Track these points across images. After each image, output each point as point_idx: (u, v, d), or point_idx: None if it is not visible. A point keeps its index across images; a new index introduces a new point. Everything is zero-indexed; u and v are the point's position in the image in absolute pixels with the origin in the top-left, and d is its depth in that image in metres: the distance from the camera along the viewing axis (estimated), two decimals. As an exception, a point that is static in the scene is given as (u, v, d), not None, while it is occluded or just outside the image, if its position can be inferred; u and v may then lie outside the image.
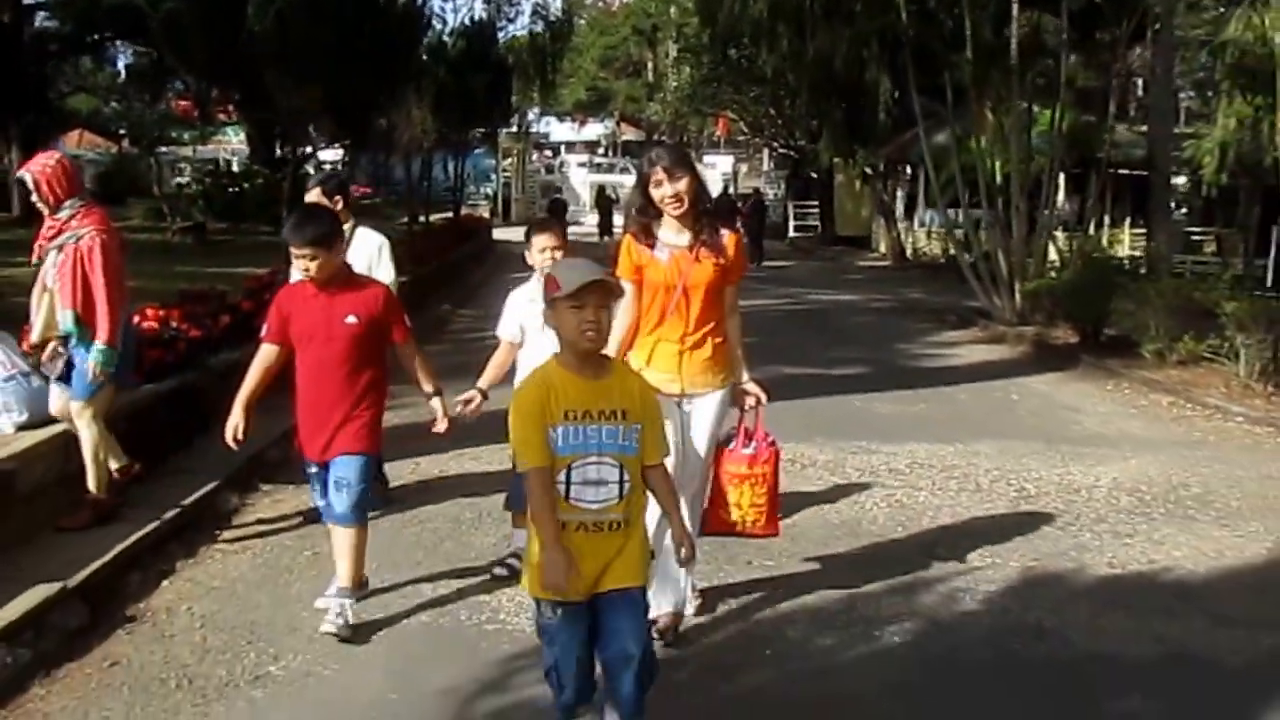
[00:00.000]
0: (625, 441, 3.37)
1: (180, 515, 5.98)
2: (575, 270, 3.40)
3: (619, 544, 3.38)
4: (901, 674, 4.35)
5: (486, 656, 4.38)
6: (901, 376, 11.36)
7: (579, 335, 3.34)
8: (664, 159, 4.52)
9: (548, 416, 3.33)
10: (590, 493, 3.34)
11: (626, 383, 3.48)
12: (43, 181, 5.48)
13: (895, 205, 30.08)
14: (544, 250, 5.10)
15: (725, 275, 4.61)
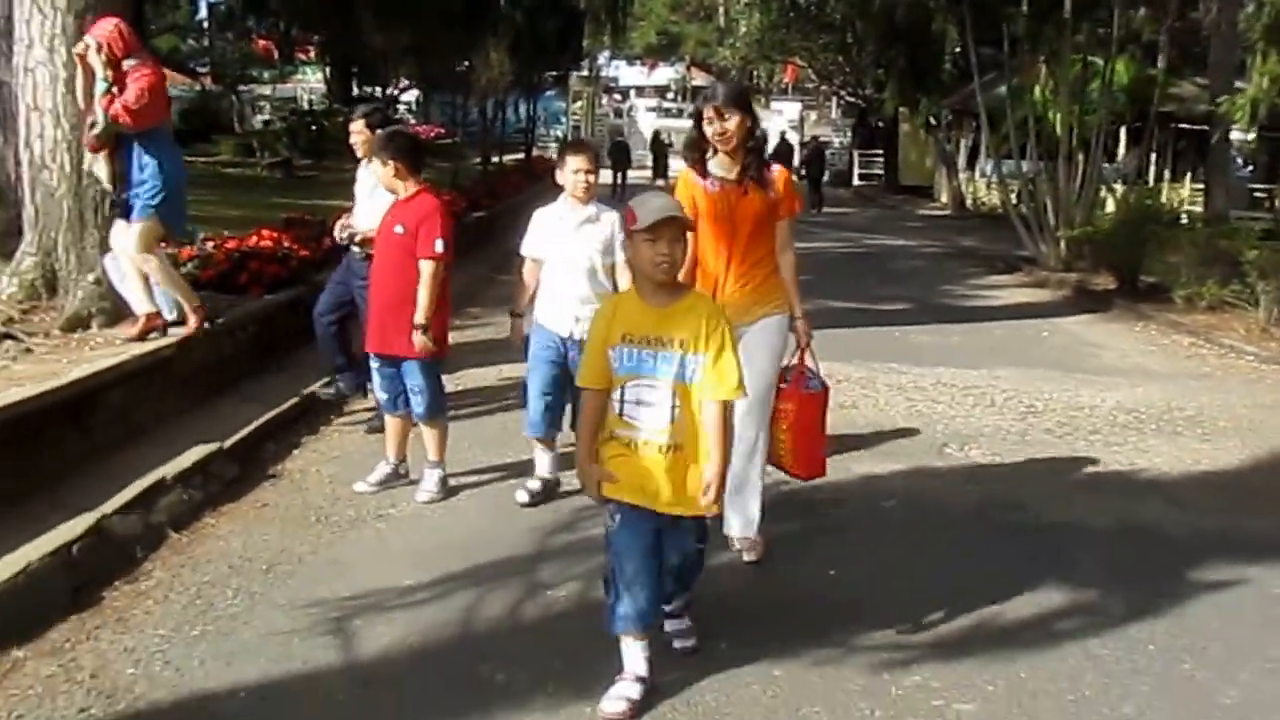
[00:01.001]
0: (680, 370, 3.45)
1: (300, 402, 7.07)
2: (651, 205, 3.50)
3: (672, 467, 3.48)
4: (902, 531, 5.33)
5: (562, 508, 5.39)
6: (942, 313, 12.21)
7: (652, 267, 3.46)
8: (716, 97, 4.66)
9: (610, 340, 3.52)
10: (642, 413, 3.48)
11: (694, 314, 3.51)
12: (104, 42, 6.28)
13: (958, 155, 30.51)
14: (577, 171, 5.34)
15: (773, 210, 4.74)
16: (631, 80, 63.38)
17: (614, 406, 3.54)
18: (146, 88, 6.32)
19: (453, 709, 3.52)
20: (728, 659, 3.80)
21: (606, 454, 3.57)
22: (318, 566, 4.68)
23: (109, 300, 6.86)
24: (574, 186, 5.38)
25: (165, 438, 5.96)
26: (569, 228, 5.39)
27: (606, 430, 3.58)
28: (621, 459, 3.53)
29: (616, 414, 3.53)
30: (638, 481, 3.51)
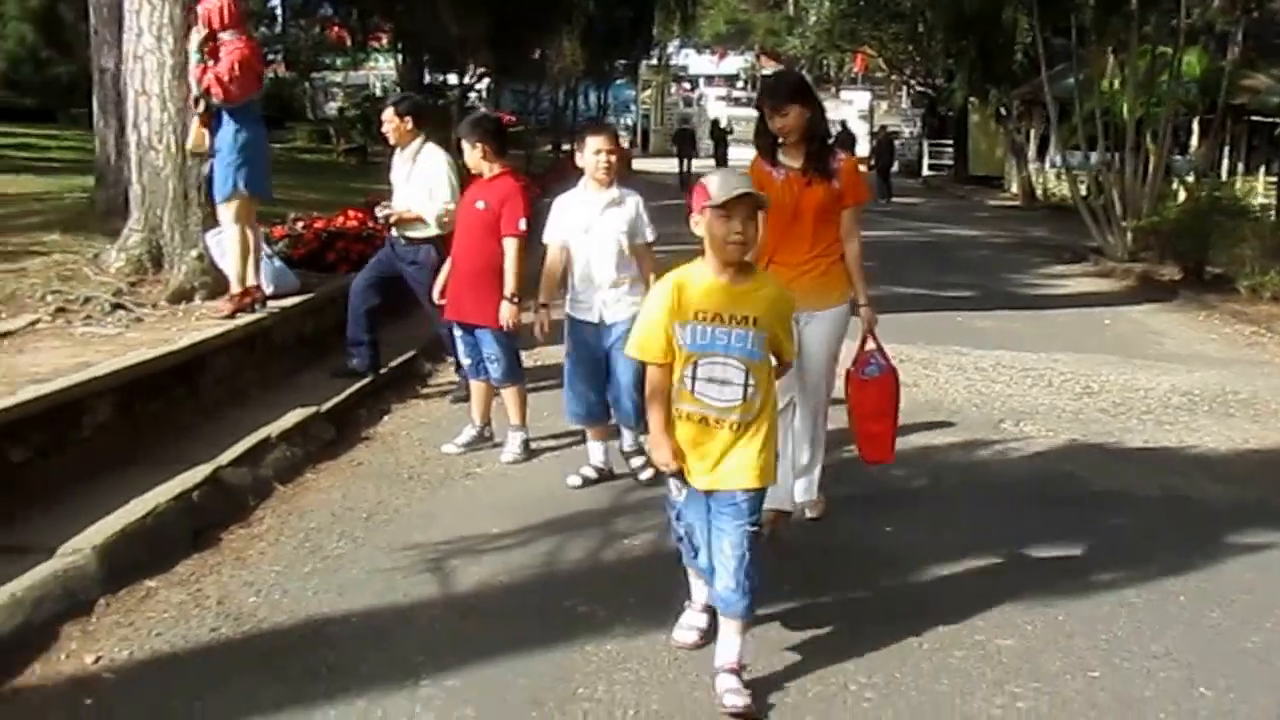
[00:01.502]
0: (753, 347, 3.47)
1: (389, 372, 7.51)
2: (725, 181, 3.50)
3: (738, 443, 3.49)
4: (954, 494, 5.65)
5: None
6: (1005, 300, 12.41)
7: (723, 244, 3.44)
8: (771, 95, 4.80)
9: (677, 315, 3.50)
10: (714, 390, 3.48)
11: (762, 290, 3.54)
12: (214, 12, 6.72)
13: (1028, 146, 30.41)
14: (598, 152, 5.30)
15: (838, 199, 4.79)
16: (700, 69, 63.45)
17: (685, 383, 3.52)
18: (238, 60, 6.70)
19: (541, 636, 3.90)
20: (790, 599, 4.15)
21: (679, 431, 3.56)
22: (412, 517, 5.10)
23: (210, 275, 7.33)
24: (594, 168, 5.32)
25: (266, 401, 6.43)
26: (593, 211, 5.37)
27: (675, 409, 3.56)
28: (689, 435, 3.53)
29: (688, 390, 3.51)
30: (706, 460, 3.51)
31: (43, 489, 4.73)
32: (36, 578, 3.99)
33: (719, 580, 3.50)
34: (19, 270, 7.33)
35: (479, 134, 5.89)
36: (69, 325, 6.45)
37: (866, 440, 5.03)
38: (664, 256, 5.81)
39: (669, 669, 3.66)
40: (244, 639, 3.88)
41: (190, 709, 3.38)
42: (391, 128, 6.98)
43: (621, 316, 5.26)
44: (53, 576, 4.03)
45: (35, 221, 9.57)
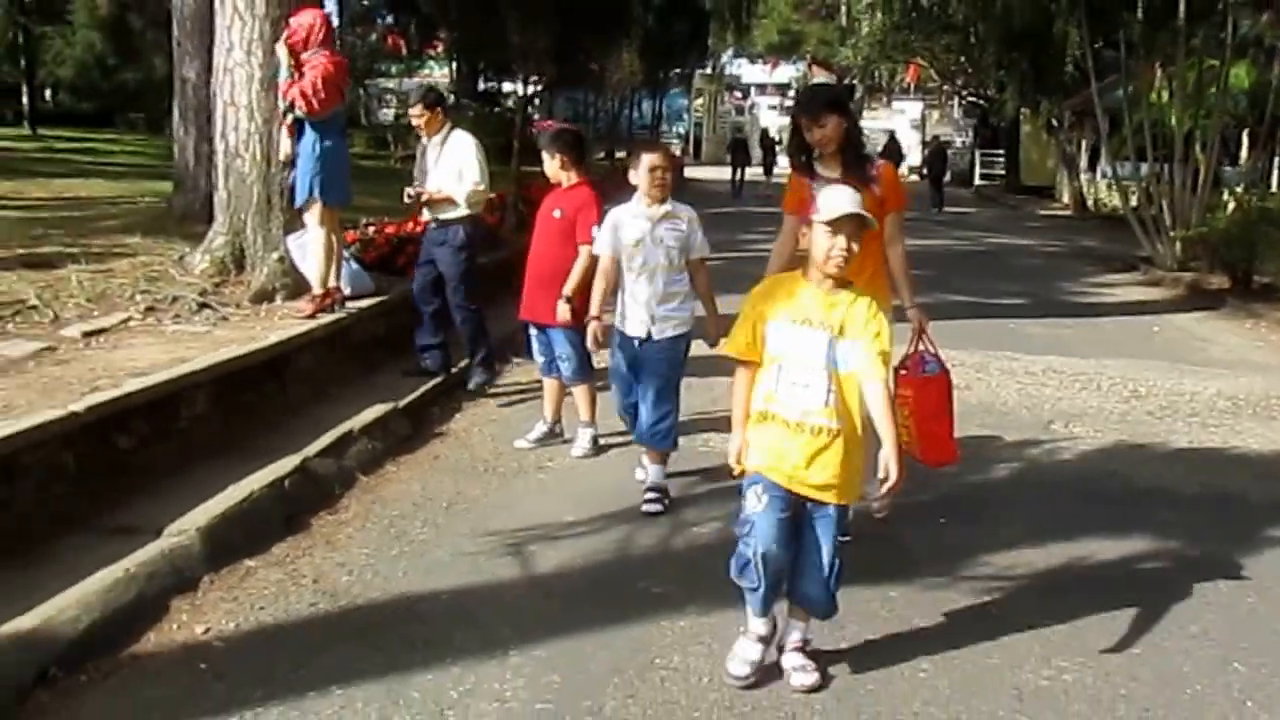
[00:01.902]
0: (836, 355, 3.52)
1: (458, 372, 7.80)
2: (836, 198, 3.57)
3: (824, 449, 3.53)
4: (1005, 489, 5.87)
5: (699, 463, 6.03)
6: (1056, 308, 12.56)
7: (825, 258, 3.53)
8: (807, 108, 4.86)
9: (768, 316, 3.60)
10: (798, 393, 3.54)
11: (855, 305, 3.58)
12: (303, 29, 7.10)
13: (1079, 156, 30.37)
14: (652, 170, 5.33)
15: (879, 206, 4.68)
16: (753, 78, 63.69)
17: (769, 383, 3.59)
18: (322, 75, 7.06)
19: (618, 613, 4.16)
20: (848, 582, 4.38)
21: (758, 429, 3.63)
22: (489, 506, 5.39)
23: (290, 277, 7.69)
24: (649, 184, 5.36)
25: (345, 397, 6.75)
26: (646, 227, 5.39)
27: (757, 404, 3.64)
28: (772, 436, 3.59)
29: (772, 390, 3.59)
30: (786, 461, 3.55)
31: (146, 475, 5.07)
32: (147, 556, 4.31)
33: (808, 583, 3.61)
34: (108, 271, 7.72)
35: (559, 145, 6.20)
36: (159, 323, 6.81)
37: (930, 441, 4.86)
38: (717, 264, 6.08)
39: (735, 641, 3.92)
40: (340, 613, 4.18)
41: (295, 675, 3.67)
42: (422, 120, 7.26)
43: (669, 333, 5.39)
44: (161, 555, 4.35)
45: (115, 224, 9.99)
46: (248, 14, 7.66)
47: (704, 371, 7.82)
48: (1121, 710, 3.57)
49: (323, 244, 7.30)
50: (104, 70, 24.24)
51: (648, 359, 5.40)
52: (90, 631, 3.78)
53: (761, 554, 3.55)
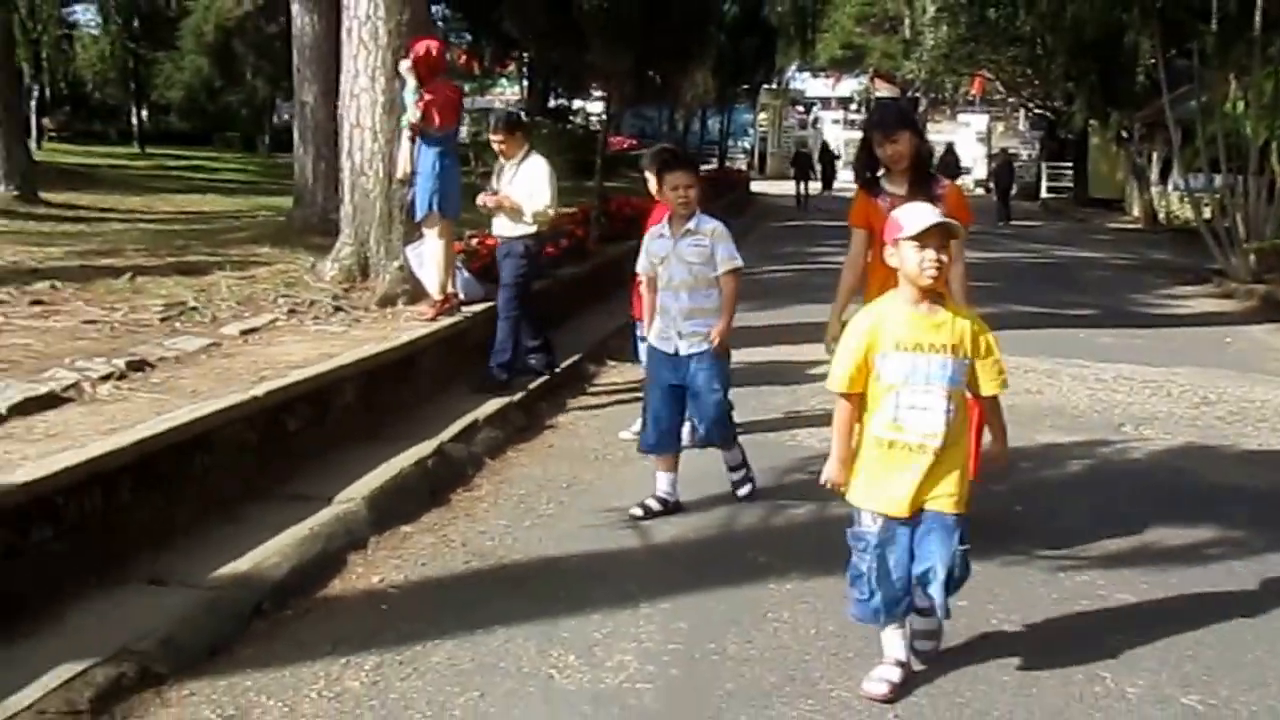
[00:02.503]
0: (954, 374, 3.61)
1: (561, 373, 8.44)
2: (918, 213, 3.67)
3: (939, 467, 3.62)
4: (1077, 482, 6.36)
5: (789, 456, 6.60)
6: (1126, 318, 12.93)
7: (919, 272, 3.58)
8: (881, 124, 4.99)
9: (874, 348, 3.66)
10: (916, 417, 3.60)
11: (958, 320, 3.68)
12: (425, 55, 7.75)
13: (1150, 169, 30.46)
14: (675, 188, 5.46)
15: None
16: (816, 92, 64.06)
17: (886, 412, 3.65)
18: (442, 99, 7.78)
19: (730, 577, 4.75)
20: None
21: (875, 462, 3.71)
22: (605, 488, 6.00)
23: (410, 284, 8.36)
24: (673, 202, 5.50)
25: (464, 392, 7.40)
26: (670, 244, 5.54)
27: (872, 434, 3.71)
28: (890, 467, 3.66)
29: (890, 419, 3.64)
30: (906, 486, 3.64)
31: (308, 453, 5.75)
32: (324, 519, 5.00)
33: (932, 589, 3.66)
34: (250, 277, 8.49)
35: (659, 164, 6.77)
36: (301, 323, 7.52)
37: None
38: (788, 275, 6.61)
39: (839, 602, 4.46)
40: (491, 570, 4.81)
41: (462, 617, 4.29)
42: (504, 146, 7.67)
43: (699, 349, 5.50)
44: (335, 519, 5.03)
45: (243, 236, 10.81)
46: (372, 44, 8.38)
47: (787, 375, 8.44)
48: (1188, 668, 4.05)
49: (441, 254, 7.96)
50: (210, 93, 25.52)
51: (690, 375, 5.52)
52: (290, 576, 4.47)
53: (875, 570, 3.68)
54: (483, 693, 3.71)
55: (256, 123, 26.80)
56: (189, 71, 22.76)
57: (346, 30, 8.51)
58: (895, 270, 4.50)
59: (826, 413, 7.03)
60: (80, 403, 5.37)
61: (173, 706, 3.54)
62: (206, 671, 3.76)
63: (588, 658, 3.97)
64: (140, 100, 25.82)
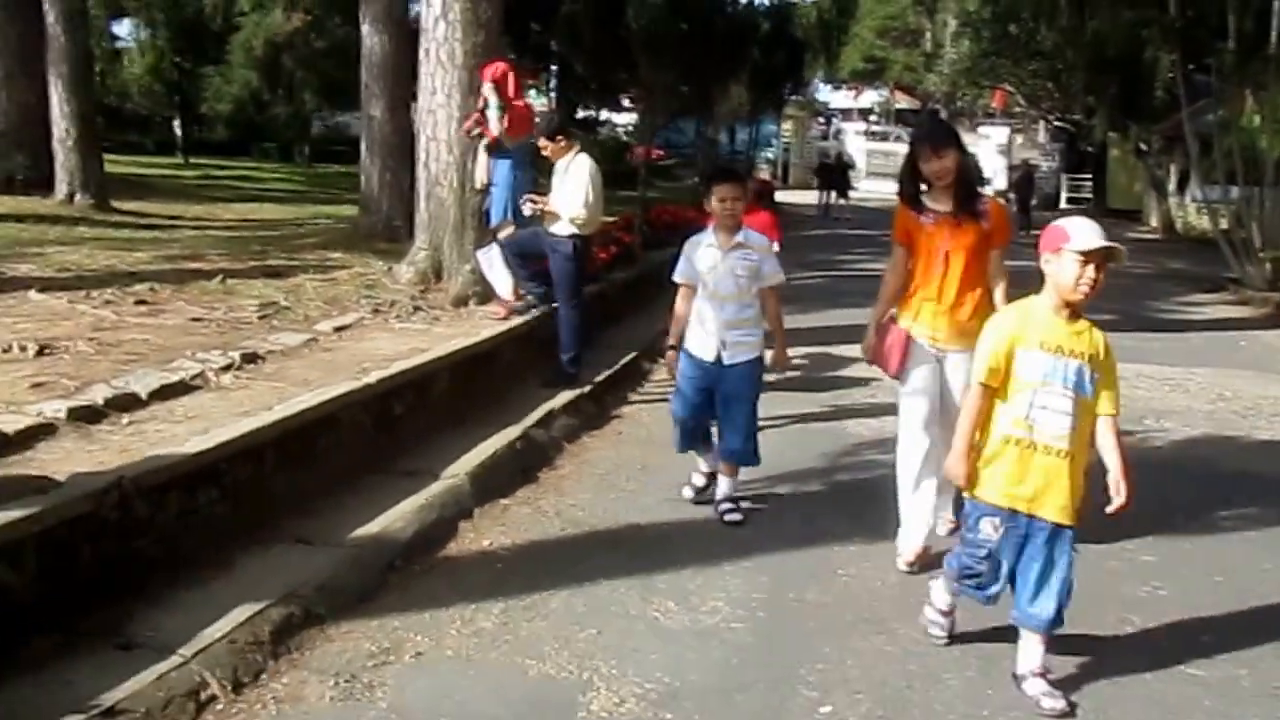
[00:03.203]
0: (1087, 383, 3.69)
1: (627, 365, 9.05)
2: (1088, 229, 3.69)
3: (1062, 472, 3.72)
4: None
5: (842, 441, 7.21)
6: (1145, 323, 13.48)
7: (1074, 286, 3.65)
8: (931, 138, 5.01)
9: (1019, 343, 3.76)
10: (1048, 419, 3.70)
11: (1093, 334, 3.76)
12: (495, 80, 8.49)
13: (1168, 181, 30.98)
14: (723, 200, 5.54)
15: (987, 240, 4.94)
16: (838, 103, 64.59)
17: (1018, 409, 3.74)
18: (515, 117, 8.48)
19: (802, 539, 5.37)
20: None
21: (999, 459, 3.82)
22: (675, 468, 6.53)
23: (480, 285, 8.99)
24: (721, 214, 5.58)
25: (536, 384, 8.01)
26: (719, 255, 5.61)
27: (1000, 431, 3.81)
28: (1016, 463, 3.78)
29: (1021, 416, 3.74)
30: (1029, 486, 3.77)
31: (411, 434, 6.38)
32: (435, 491, 5.62)
33: (1041, 602, 3.79)
34: (332, 280, 9.13)
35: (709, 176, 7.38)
36: (386, 321, 8.15)
37: None
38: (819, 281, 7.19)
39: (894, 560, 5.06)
40: (586, 535, 5.43)
41: (569, 571, 4.89)
42: (550, 151, 8.09)
43: (741, 358, 5.61)
44: (445, 491, 5.65)
45: (312, 242, 11.47)
46: (449, 64, 9.02)
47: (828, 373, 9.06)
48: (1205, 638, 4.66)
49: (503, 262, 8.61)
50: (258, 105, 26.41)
51: (726, 383, 5.63)
52: (414, 539, 5.09)
53: (993, 567, 3.86)
54: (599, 630, 4.32)
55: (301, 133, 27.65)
56: (238, 84, 23.55)
57: (424, 51, 9.15)
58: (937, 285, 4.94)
59: (870, 405, 7.74)
60: (208, 389, 5.99)
61: (335, 641, 4.16)
62: (358, 614, 4.38)
63: (685, 603, 4.59)
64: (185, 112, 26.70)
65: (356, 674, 3.89)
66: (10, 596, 3.68)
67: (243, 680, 3.77)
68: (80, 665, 3.66)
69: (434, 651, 4.11)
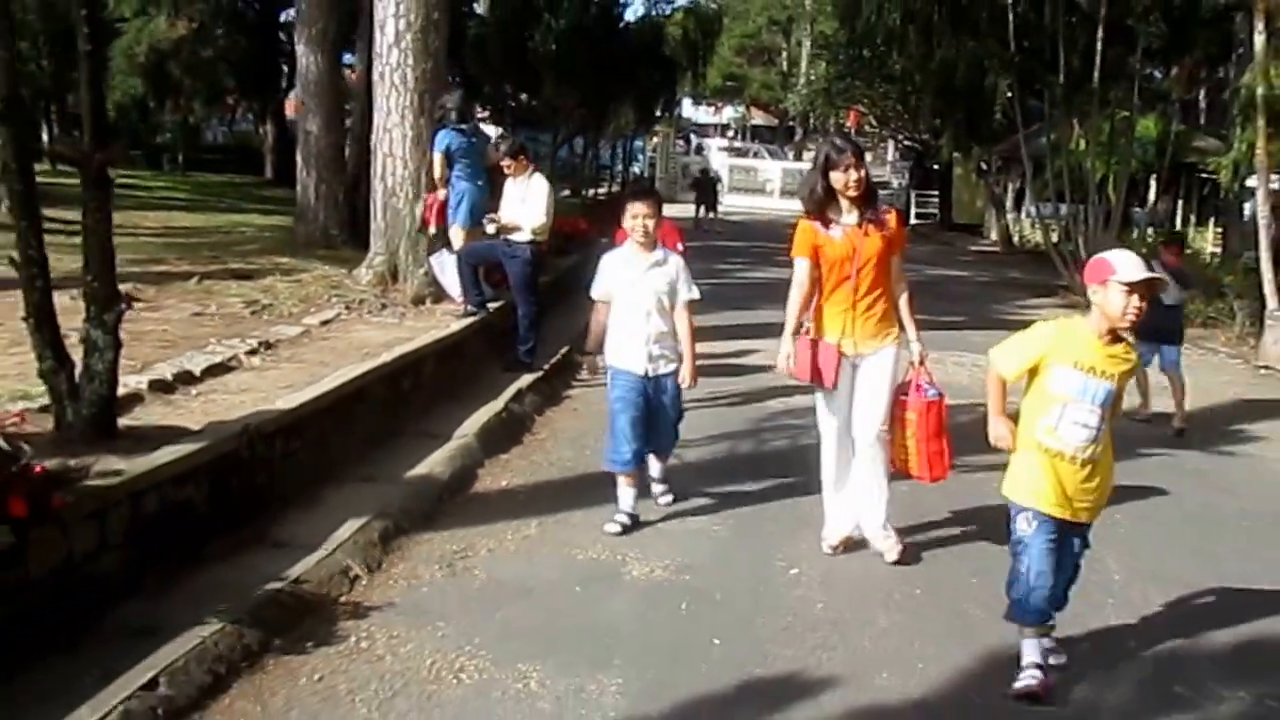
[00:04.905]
0: (1109, 399, 3.97)
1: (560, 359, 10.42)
2: (1132, 262, 3.93)
3: (1090, 478, 4.01)
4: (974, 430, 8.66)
5: (759, 413, 8.74)
6: (990, 323, 15.46)
7: (1120, 315, 3.86)
8: (848, 150, 5.19)
9: (1051, 356, 4.02)
10: (1076, 431, 3.93)
11: (1129, 356, 4.03)
12: None
13: (1006, 197, 33.66)
14: (636, 217, 5.71)
15: (890, 247, 5.23)
16: (699, 120, 66.87)
17: (1050, 419, 4.00)
18: None
19: (746, 481, 6.86)
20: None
21: (1031, 463, 4.09)
22: (630, 433, 8.03)
23: (433, 286, 10.27)
24: (636, 231, 5.75)
25: (498, 370, 9.35)
26: (637, 271, 5.82)
27: (1035, 437, 4.07)
28: (1045, 469, 4.03)
29: (1053, 427, 4.00)
30: (1060, 493, 4.02)
31: (417, 406, 7.68)
32: (452, 448, 6.96)
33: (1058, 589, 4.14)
34: (299, 282, 10.32)
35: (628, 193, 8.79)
36: (360, 317, 9.39)
37: (933, 458, 5.37)
38: (705, 288, 8.39)
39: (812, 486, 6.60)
40: (579, 476, 6.82)
41: (576, 499, 6.25)
42: (512, 169, 9.32)
43: (666, 370, 5.91)
44: (460, 448, 6.99)
45: (255, 249, 12.55)
46: (402, 87, 10.31)
47: (729, 366, 10.53)
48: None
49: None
50: (143, 112, 26.73)
51: (658, 393, 5.92)
52: (450, 479, 6.45)
53: (1037, 572, 4.06)
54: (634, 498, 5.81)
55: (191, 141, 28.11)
56: (119, 91, 23.83)
57: (379, 75, 10.40)
58: (846, 292, 5.25)
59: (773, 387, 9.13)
60: (244, 369, 7.20)
61: (422, 545, 5.49)
62: (430, 528, 5.72)
63: (675, 517, 6.06)
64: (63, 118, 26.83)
65: (451, 562, 5.25)
66: (194, 509, 4.92)
67: (371, 567, 5.09)
68: (253, 558, 4.93)
69: (500, 549, 5.49)
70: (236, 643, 4.10)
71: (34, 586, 3.87)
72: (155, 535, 4.55)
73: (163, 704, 3.65)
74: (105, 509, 4.26)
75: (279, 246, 12.57)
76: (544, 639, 4.48)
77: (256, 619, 4.30)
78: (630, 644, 4.50)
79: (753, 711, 4.01)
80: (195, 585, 4.55)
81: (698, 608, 4.91)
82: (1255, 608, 5.20)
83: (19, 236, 4.69)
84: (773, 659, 4.43)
